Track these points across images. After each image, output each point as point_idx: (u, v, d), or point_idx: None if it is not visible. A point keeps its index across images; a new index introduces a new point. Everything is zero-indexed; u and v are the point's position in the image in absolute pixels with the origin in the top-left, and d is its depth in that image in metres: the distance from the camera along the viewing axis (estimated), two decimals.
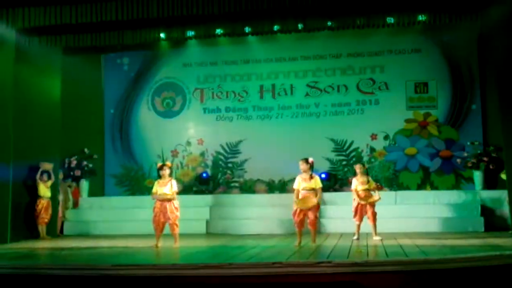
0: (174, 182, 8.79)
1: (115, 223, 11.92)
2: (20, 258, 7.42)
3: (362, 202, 9.05)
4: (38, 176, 10.86)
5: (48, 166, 11.06)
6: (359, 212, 9.11)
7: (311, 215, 8.33)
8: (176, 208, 8.68)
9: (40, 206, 10.81)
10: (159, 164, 9.09)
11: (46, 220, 10.91)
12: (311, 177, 8.47)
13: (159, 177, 8.85)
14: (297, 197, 8.43)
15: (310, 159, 8.58)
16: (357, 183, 9.16)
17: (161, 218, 8.62)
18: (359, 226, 9.12)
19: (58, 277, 6.03)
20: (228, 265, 5.96)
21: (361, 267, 5.82)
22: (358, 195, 9.07)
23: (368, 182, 9.13)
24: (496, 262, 5.92)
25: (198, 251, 8.03)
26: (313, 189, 8.40)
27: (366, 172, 9.41)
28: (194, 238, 9.98)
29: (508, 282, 5.81)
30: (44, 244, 9.55)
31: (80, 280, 6.00)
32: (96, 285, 5.97)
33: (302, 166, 8.53)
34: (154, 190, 8.76)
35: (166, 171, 8.82)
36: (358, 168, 9.34)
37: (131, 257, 7.30)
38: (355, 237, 9.04)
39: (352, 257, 6.65)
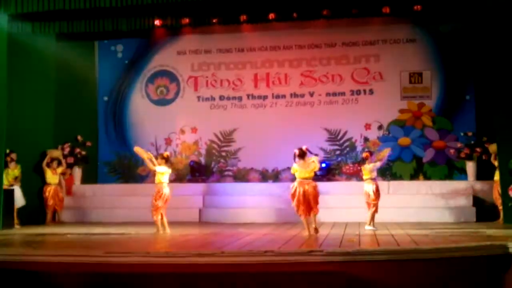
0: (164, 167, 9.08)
1: (108, 210, 11.92)
2: (11, 245, 7.41)
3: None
4: (44, 163, 11.12)
5: (56, 153, 11.29)
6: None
7: (314, 204, 8.30)
8: (166, 196, 9.01)
9: (47, 193, 11.07)
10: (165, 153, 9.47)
11: (54, 206, 11.20)
12: (308, 164, 8.42)
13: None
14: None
15: (304, 148, 8.50)
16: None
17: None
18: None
19: (50, 264, 6.03)
20: (221, 253, 5.98)
21: (353, 256, 5.85)
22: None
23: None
24: (487, 252, 5.97)
25: (191, 239, 8.05)
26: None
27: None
28: (187, 226, 10.01)
29: (498, 272, 5.86)
30: (36, 231, 9.53)
31: (72, 267, 6.00)
32: (89, 272, 5.98)
33: (296, 154, 8.49)
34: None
35: (161, 161, 9.03)
36: (366, 156, 9.34)
37: (124, 245, 7.31)
38: (373, 227, 8.87)
39: (344, 246, 6.67)
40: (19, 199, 10.60)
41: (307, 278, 5.74)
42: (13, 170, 10.56)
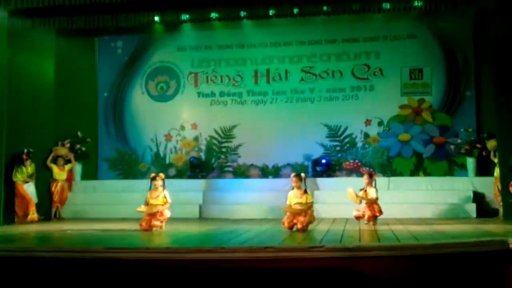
0: (167, 193, 8.75)
1: (108, 206, 11.92)
2: (12, 241, 7.42)
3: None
4: (49, 160, 11.30)
5: (62, 151, 11.36)
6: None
7: (302, 220, 8.12)
8: (164, 219, 8.70)
9: (53, 189, 11.26)
10: (153, 174, 9.03)
11: (60, 202, 11.38)
12: (303, 193, 8.27)
13: (151, 187, 8.83)
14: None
15: (302, 175, 8.41)
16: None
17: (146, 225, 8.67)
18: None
19: (50, 260, 6.03)
20: (221, 249, 5.97)
21: (353, 252, 5.85)
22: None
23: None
24: (487, 248, 5.96)
25: (191, 235, 8.05)
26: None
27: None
28: (187, 222, 10.01)
29: (498, 267, 5.85)
30: (36, 227, 9.54)
31: (72, 262, 6.01)
32: (89, 267, 5.98)
33: (296, 183, 8.32)
34: (146, 199, 8.77)
35: (159, 182, 8.76)
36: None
37: (124, 240, 7.32)
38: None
39: (345, 242, 6.68)
40: (32, 196, 10.74)
41: (307, 274, 5.74)
42: (27, 168, 10.69)
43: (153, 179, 8.83)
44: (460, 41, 12.47)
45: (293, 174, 8.51)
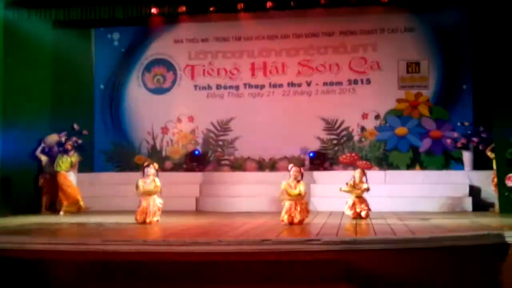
0: (157, 180, 8.75)
1: (104, 199, 11.89)
2: (8, 234, 7.39)
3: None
4: (38, 151, 11.13)
5: (53, 138, 11.32)
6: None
7: (297, 216, 8.11)
8: (158, 209, 8.71)
9: (42, 181, 11.09)
10: (147, 162, 9.00)
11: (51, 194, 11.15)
12: (297, 183, 8.28)
13: (143, 175, 8.82)
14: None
15: (301, 168, 8.48)
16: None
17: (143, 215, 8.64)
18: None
19: (47, 252, 6.03)
20: (218, 242, 5.98)
21: (350, 245, 5.87)
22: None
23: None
24: (483, 241, 5.98)
25: (188, 228, 8.05)
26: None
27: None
28: (184, 215, 10.01)
29: (494, 261, 5.88)
30: (33, 220, 9.52)
31: (70, 255, 6.00)
32: (86, 260, 5.98)
33: (296, 173, 8.32)
34: (140, 185, 8.75)
35: (151, 170, 8.77)
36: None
37: (121, 233, 7.31)
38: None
39: (341, 235, 6.69)
40: None
41: (304, 266, 5.76)
42: (71, 158, 10.74)
43: (147, 166, 8.84)
44: (457, 34, 12.45)
45: (295, 168, 8.43)
